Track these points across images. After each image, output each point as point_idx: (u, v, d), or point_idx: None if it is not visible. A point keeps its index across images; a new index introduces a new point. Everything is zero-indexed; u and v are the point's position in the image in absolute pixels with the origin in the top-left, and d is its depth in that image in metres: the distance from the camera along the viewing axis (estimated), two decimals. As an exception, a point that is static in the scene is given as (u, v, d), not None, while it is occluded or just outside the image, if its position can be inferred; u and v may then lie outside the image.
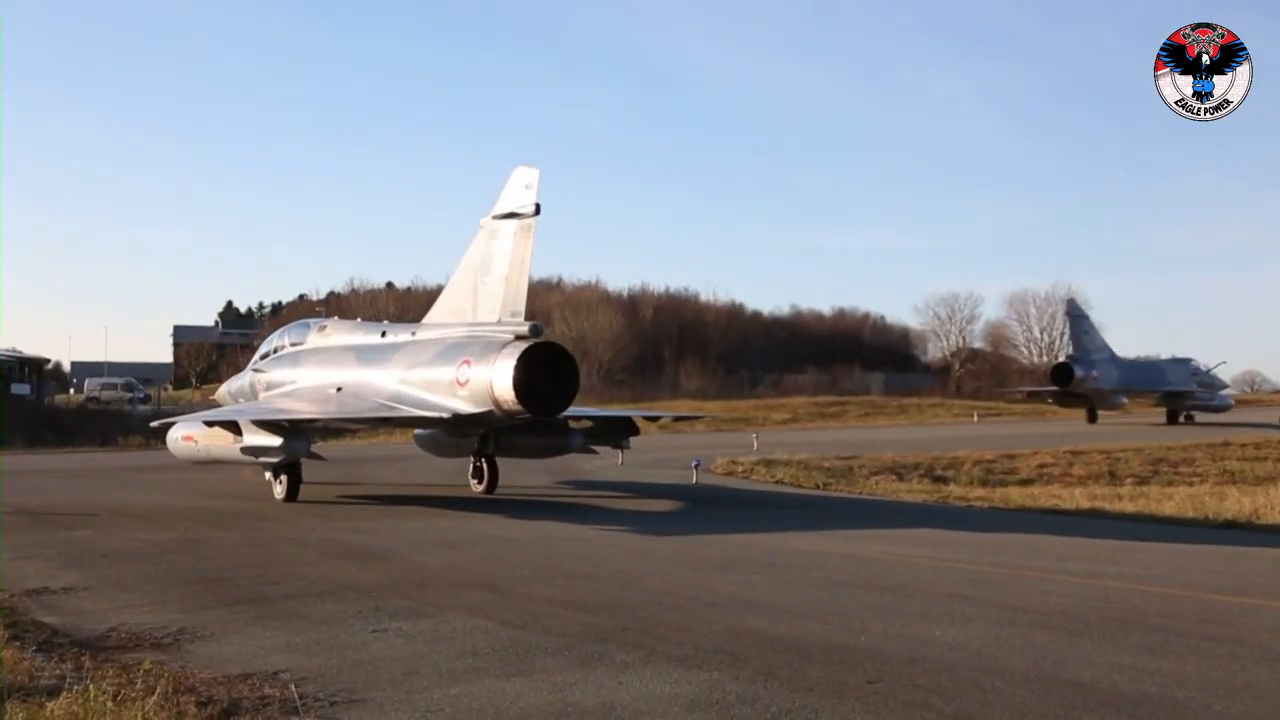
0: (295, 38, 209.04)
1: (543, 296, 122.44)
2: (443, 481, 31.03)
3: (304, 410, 27.05)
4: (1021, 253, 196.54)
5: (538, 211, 24.98)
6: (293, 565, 16.29)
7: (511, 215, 25.52)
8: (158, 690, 8.84)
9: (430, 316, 28.48)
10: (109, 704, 8.54)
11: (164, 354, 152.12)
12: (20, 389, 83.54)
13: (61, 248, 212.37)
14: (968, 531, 22.19)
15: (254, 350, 35.88)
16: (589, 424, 29.03)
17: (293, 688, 9.23)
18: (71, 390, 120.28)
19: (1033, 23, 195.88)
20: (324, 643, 11.04)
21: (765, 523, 23.22)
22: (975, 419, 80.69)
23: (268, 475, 26.63)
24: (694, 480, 32.44)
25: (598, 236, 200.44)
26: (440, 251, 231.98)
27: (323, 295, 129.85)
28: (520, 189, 25.51)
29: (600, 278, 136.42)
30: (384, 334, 29.28)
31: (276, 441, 24.61)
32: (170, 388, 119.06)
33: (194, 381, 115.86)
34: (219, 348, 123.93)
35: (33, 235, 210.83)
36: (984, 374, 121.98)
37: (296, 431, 25.14)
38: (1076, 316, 78.65)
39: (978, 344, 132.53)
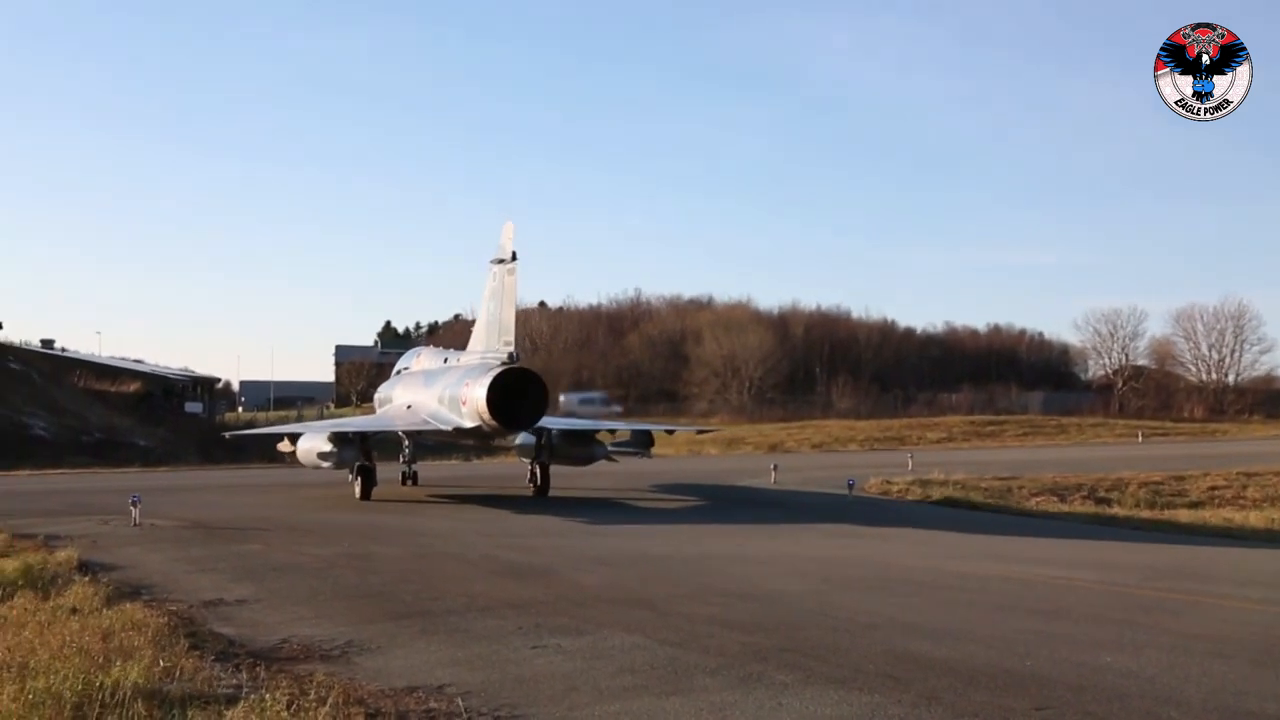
0: (457, 52, 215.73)
1: (693, 315, 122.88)
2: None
3: (358, 424, 34.09)
4: (1186, 267, 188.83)
5: (514, 258, 30.47)
6: (454, 581, 16.61)
7: (500, 260, 31.05)
8: (329, 701, 9.14)
9: (469, 344, 34.11)
10: (284, 713, 8.87)
11: (326, 373, 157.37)
12: (193, 407, 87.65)
13: (231, 270, 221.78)
14: (1135, 553, 21.49)
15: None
16: (627, 435, 34.27)
17: (459, 701, 9.43)
18: (240, 409, 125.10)
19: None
20: (486, 658, 11.22)
21: (921, 543, 22.81)
22: (1140, 439, 77.97)
23: (349, 476, 31.56)
24: (849, 498, 32.11)
25: (749, 255, 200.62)
26: (593, 270, 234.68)
27: (478, 315, 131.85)
28: (506, 239, 31.19)
29: (751, 296, 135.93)
30: (445, 360, 34.75)
31: (330, 448, 29.99)
32: (333, 405, 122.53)
33: (355, 400, 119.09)
34: (378, 367, 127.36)
35: (207, 259, 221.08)
36: (1149, 392, 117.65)
37: (346, 441, 30.49)
38: None
39: (1141, 361, 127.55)
